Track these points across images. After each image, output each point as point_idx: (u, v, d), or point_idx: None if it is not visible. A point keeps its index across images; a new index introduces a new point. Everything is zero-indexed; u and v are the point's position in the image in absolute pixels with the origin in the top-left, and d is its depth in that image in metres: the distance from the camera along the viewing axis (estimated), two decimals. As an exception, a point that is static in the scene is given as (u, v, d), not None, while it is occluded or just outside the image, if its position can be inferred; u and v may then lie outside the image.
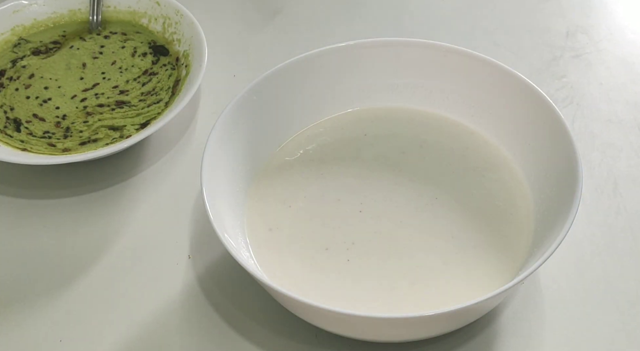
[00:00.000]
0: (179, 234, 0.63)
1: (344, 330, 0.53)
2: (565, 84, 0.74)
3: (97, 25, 0.78)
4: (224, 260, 0.60)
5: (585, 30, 0.80)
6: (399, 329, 0.50)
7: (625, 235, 0.61)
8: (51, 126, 0.69)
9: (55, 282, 0.61)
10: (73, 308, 0.59)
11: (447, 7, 0.84)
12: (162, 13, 0.77)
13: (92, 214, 0.65)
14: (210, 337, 0.57)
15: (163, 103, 0.70)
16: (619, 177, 0.65)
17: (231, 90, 0.63)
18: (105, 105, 0.70)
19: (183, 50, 0.73)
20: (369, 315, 0.49)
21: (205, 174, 0.56)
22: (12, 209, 0.66)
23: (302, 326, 0.56)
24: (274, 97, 0.63)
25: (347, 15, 0.84)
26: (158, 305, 0.59)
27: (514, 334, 0.55)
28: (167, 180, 0.68)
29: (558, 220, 0.53)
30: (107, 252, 0.63)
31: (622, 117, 0.71)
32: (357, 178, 0.62)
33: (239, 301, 0.58)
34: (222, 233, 0.53)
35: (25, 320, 0.59)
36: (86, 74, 0.73)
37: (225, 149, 0.59)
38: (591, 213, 0.63)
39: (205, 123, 0.72)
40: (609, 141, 0.68)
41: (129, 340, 0.57)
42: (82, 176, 0.68)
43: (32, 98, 0.71)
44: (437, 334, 0.52)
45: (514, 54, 0.77)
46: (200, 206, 0.60)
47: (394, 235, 0.58)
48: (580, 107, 0.72)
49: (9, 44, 0.77)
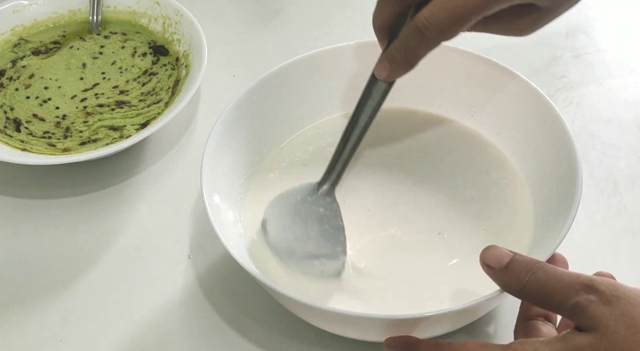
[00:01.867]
0: (179, 234, 0.63)
1: (344, 330, 0.53)
2: (565, 84, 0.74)
3: (97, 25, 0.78)
4: (224, 260, 0.60)
5: (585, 30, 0.80)
6: (399, 329, 0.49)
7: (625, 235, 0.61)
8: (51, 126, 0.69)
9: (55, 282, 0.61)
10: (73, 308, 0.59)
11: (447, 7, 0.84)
12: (162, 13, 0.77)
13: (92, 214, 0.65)
14: (210, 337, 0.57)
15: (163, 103, 0.70)
16: (619, 177, 0.65)
17: (231, 90, 0.63)
18: (105, 105, 0.70)
19: (183, 50, 0.73)
20: (369, 315, 0.49)
21: (205, 174, 0.56)
22: (12, 209, 0.66)
23: (302, 326, 0.56)
24: (274, 97, 0.63)
25: (347, 15, 0.84)
26: (158, 305, 0.59)
27: (514, 334, 0.55)
28: (167, 180, 0.68)
29: (558, 220, 0.53)
30: (107, 252, 0.63)
31: (622, 117, 0.71)
32: (357, 178, 0.62)
33: (239, 301, 0.58)
34: (222, 233, 0.53)
35: (25, 320, 0.59)
36: (86, 74, 0.73)
37: (225, 149, 0.59)
38: (591, 213, 0.63)
39: (205, 123, 0.72)
40: (609, 141, 0.68)
41: (129, 340, 0.57)
42: (82, 176, 0.68)
43: (32, 98, 0.71)
44: (437, 334, 0.52)
45: (514, 54, 0.77)
46: (200, 206, 0.60)
47: (395, 235, 0.58)
48: (580, 107, 0.72)
49: (9, 44, 0.77)
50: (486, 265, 0.48)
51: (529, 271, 0.45)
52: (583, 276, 0.44)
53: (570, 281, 0.44)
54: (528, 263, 0.46)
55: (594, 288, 0.43)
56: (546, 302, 0.45)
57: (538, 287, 0.45)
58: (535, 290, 0.45)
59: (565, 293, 0.44)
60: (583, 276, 0.44)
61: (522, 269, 0.46)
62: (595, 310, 0.42)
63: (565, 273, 0.45)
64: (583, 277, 0.44)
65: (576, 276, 0.44)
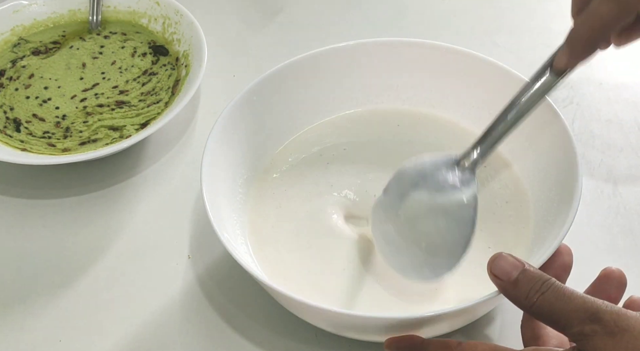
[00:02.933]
0: (179, 234, 0.63)
1: (343, 330, 0.53)
2: (565, 84, 0.74)
3: (97, 25, 0.78)
4: (224, 260, 0.60)
5: (585, 30, 0.79)
6: (399, 329, 0.49)
7: (625, 235, 0.61)
8: (51, 126, 0.69)
9: (55, 282, 0.61)
10: (73, 308, 0.59)
11: (447, 7, 0.84)
12: (162, 13, 0.77)
13: (92, 214, 0.65)
14: (210, 337, 0.57)
15: (163, 103, 0.70)
16: (619, 177, 0.65)
17: (231, 90, 0.63)
18: (105, 105, 0.70)
19: (183, 50, 0.73)
20: (369, 315, 0.49)
21: (205, 174, 0.56)
22: (12, 209, 0.66)
23: (302, 326, 0.56)
24: (274, 97, 0.63)
25: (347, 15, 0.84)
26: (158, 305, 0.59)
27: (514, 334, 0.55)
28: (167, 180, 0.68)
29: (558, 220, 0.53)
30: (107, 252, 0.63)
31: (622, 117, 0.71)
32: (357, 178, 0.62)
33: (239, 301, 0.58)
34: (222, 233, 0.53)
35: (25, 320, 0.59)
36: (86, 74, 0.73)
37: (225, 149, 0.59)
38: (591, 213, 0.63)
39: (205, 123, 0.72)
40: (609, 141, 0.68)
41: (129, 340, 0.57)
42: (82, 176, 0.68)
43: (32, 98, 0.71)
44: (437, 334, 0.52)
45: (514, 54, 0.77)
46: (200, 206, 0.60)
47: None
48: (580, 107, 0.72)
49: (9, 44, 0.77)
50: (494, 276, 0.47)
51: (538, 291, 0.45)
52: (589, 302, 0.44)
53: (576, 306, 0.44)
54: (537, 281, 0.45)
55: (598, 317, 0.43)
56: (552, 324, 0.45)
57: (545, 309, 0.45)
58: (542, 311, 0.45)
59: (571, 318, 0.44)
60: (589, 301, 0.44)
61: (532, 287, 0.45)
62: (599, 343, 0.42)
63: (573, 296, 0.44)
64: (589, 303, 0.43)
65: (582, 301, 0.44)
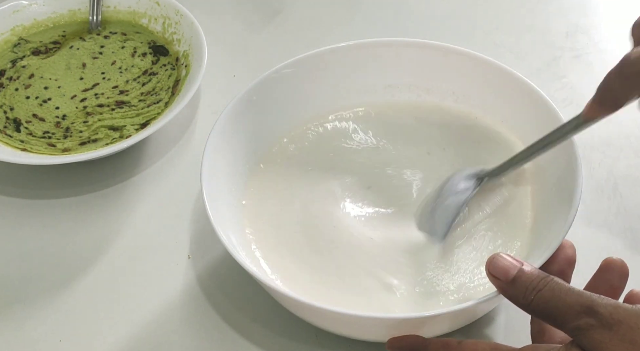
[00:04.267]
0: (179, 234, 0.63)
1: (343, 330, 0.53)
2: (565, 84, 0.74)
3: (97, 25, 0.78)
4: (224, 260, 0.60)
5: (585, 30, 0.80)
6: (399, 329, 0.49)
7: (625, 235, 0.61)
8: (51, 126, 0.69)
9: (55, 282, 0.61)
10: (73, 308, 0.59)
11: (447, 7, 0.84)
12: (162, 13, 0.77)
13: (92, 214, 0.65)
14: (210, 337, 0.57)
15: (163, 103, 0.70)
16: (619, 177, 0.65)
17: (231, 90, 0.63)
18: (105, 105, 0.70)
19: (183, 50, 0.73)
20: (369, 315, 0.49)
21: (205, 174, 0.56)
22: (12, 209, 0.66)
23: (302, 326, 0.56)
24: (274, 97, 0.63)
25: (347, 15, 0.84)
26: (158, 305, 0.59)
27: (514, 334, 0.55)
28: (167, 180, 0.68)
29: (558, 220, 0.53)
30: (107, 252, 0.63)
31: (622, 117, 0.70)
32: (358, 178, 0.62)
33: (239, 301, 0.58)
34: (222, 233, 0.53)
35: (25, 320, 0.59)
36: (86, 74, 0.73)
37: (225, 149, 0.59)
38: (591, 213, 0.63)
39: (205, 123, 0.72)
40: (609, 141, 0.68)
41: (129, 340, 0.57)
42: (82, 176, 0.68)
43: (32, 98, 0.71)
44: (437, 334, 0.52)
45: (514, 54, 0.77)
46: (200, 206, 0.60)
47: (395, 235, 0.58)
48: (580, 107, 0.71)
49: (9, 44, 0.77)
50: (493, 276, 0.47)
51: (535, 289, 0.45)
52: (585, 297, 0.44)
53: (572, 302, 0.44)
54: (535, 279, 0.46)
55: (594, 311, 0.43)
56: (550, 321, 0.45)
57: (542, 306, 0.45)
58: (540, 308, 0.45)
59: (567, 314, 0.44)
60: (585, 296, 0.44)
61: (529, 285, 0.46)
62: (595, 335, 0.43)
63: (569, 292, 0.44)
64: (585, 297, 0.44)
65: (578, 296, 0.44)
